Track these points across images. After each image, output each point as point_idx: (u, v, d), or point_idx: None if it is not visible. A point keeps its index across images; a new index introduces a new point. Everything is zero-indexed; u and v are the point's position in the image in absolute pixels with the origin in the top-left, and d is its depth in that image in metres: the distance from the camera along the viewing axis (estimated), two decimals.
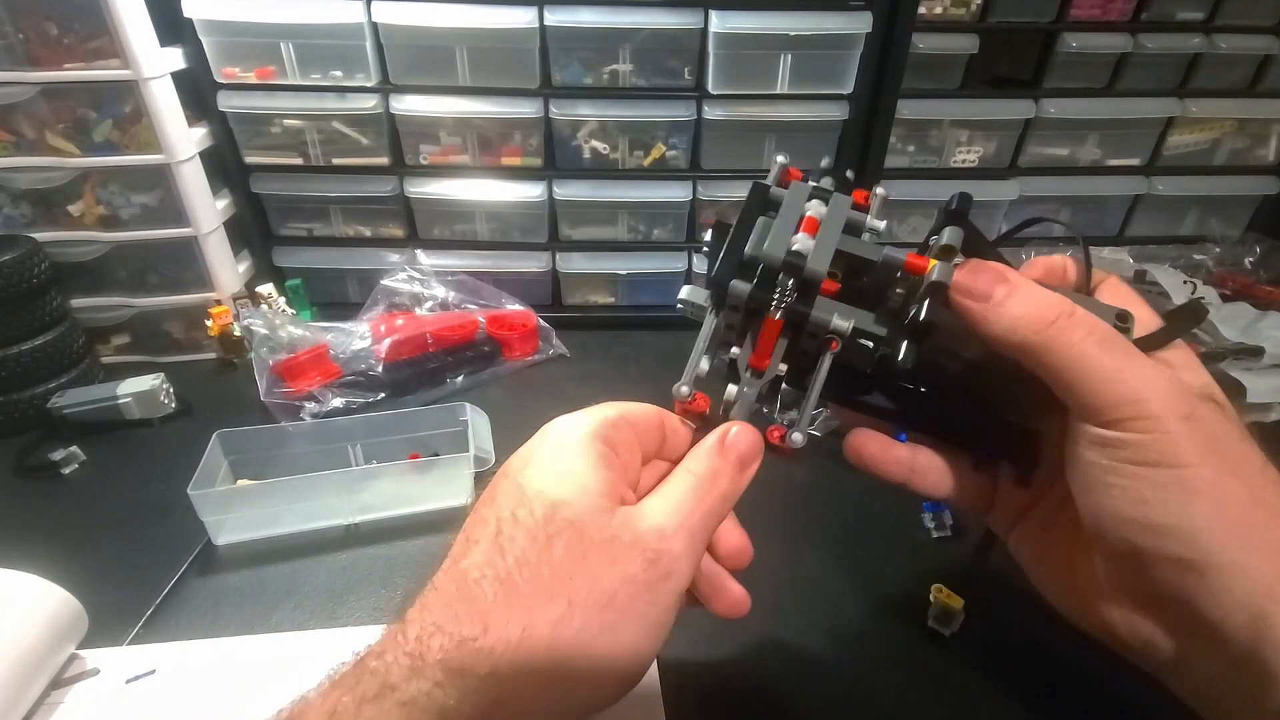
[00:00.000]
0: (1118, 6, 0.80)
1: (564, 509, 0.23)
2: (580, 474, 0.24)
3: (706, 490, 0.26)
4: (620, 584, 0.23)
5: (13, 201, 0.75)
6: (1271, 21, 0.82)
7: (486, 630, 0.22)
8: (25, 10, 0.67)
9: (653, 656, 0.24)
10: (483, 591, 0.22)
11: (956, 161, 0.88)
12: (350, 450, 0.62)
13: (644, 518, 0.24)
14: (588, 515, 0.23)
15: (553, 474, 0.24)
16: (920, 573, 0.52)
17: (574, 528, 0.23)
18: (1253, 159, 0.91)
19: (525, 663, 0.21)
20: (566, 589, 0.22)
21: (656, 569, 0.23)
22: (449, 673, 0.21)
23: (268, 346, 0.74)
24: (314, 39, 0.76)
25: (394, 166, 0.85)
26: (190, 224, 0.78)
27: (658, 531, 0.24)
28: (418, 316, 0.83)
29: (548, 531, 0.23)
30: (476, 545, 0.24)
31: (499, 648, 0.21)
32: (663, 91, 0.81)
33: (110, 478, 0.65)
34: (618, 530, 0.23)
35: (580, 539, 0.23)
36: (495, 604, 0.22)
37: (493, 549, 0.23)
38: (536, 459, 0.25)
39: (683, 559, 0.24)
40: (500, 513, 0.24)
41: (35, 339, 0.71)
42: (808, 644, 0.48)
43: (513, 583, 0.22)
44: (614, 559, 0.23)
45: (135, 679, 0.45)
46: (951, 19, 0.80)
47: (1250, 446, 0.24)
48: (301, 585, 0.53)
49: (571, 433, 0.25)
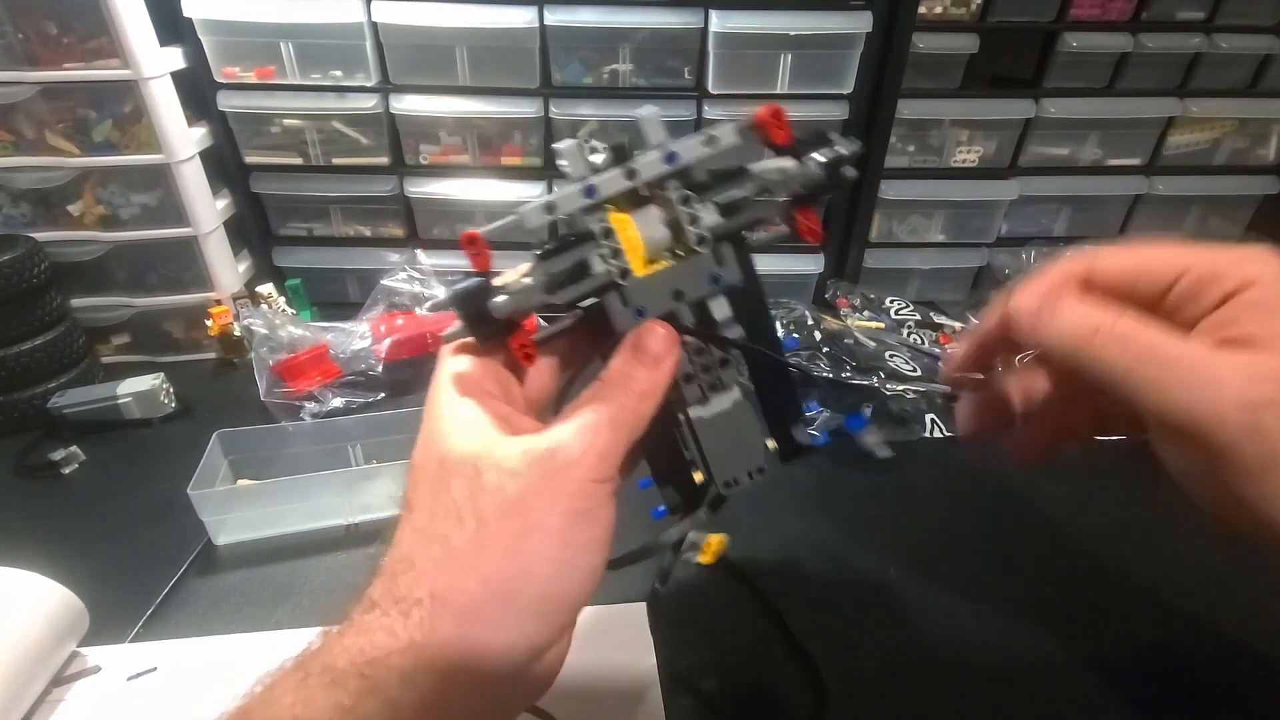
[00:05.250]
0: (1118, 6, 0.80)
1: (453, 454, 0.24)
2: (460, 423, 0.25)
3: (613, 391, 0.26)
4: (521, 488, 0.23)
5: (12, 201, 0.75)
6: (1272, 21, 0.82)
7: (413, 564, 0.23)
8: (25, 10, 0.67)
9: (592, 548, 0.24)
10: (404, 541, 0.24)
11: (956, 161, 0.88)
12: (350, 450, 0.62)
13: (539, 434, 0.24)
14: (476, 448, 0.24)
15: (436, 435, 0.25)
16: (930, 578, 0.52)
17: (466, 463, 0.24)
18: (1253, 159, 0.91)
19: (459, 573, 0.22)
20: (472, 509, 0.23)
21: (552, 464, 0.23)
22: (391, 602, 0.23)
23: (268, 346, 0.74)
24: (314, 38, 0.76)
25: (394, 166, 0.85)
26: (190, 224, 0.78)
27: (550, 437, 0.24)
28: (418, 316, 0.83)
29: (443, 476, 0.24)
30: (399, 523, 0.25)
31: (429, 571, 0.23)
32: (663, 91, 0.81)
33: (110, 477, 0.65)
34: (508, 449, 0.24)
35: (474, 468, 0.23)
36: (414, 545, 0.24)
37: (405, 515, 0.25)
38: (423, 435, 0.26)
39: (581, 450, 0.24)
40: (406, 492, 0.25)
41: (35, 339, 0.71)
42: (807, 640, 0.48)
43: (423, 527, 0.24)
44: (509, 471, 0.23)
45: (136, 676, 0.45)
46: (951, 18, 0.80)
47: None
48: (301, 585, 0.53)
49: (442, 398, 0.26)
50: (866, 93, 0.81)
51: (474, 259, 0.25)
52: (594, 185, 0.26)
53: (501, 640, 0.22)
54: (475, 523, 0.23)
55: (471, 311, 0.25)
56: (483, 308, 0.25)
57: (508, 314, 0.25)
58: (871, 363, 0.73)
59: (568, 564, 0.23)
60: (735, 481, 0.30)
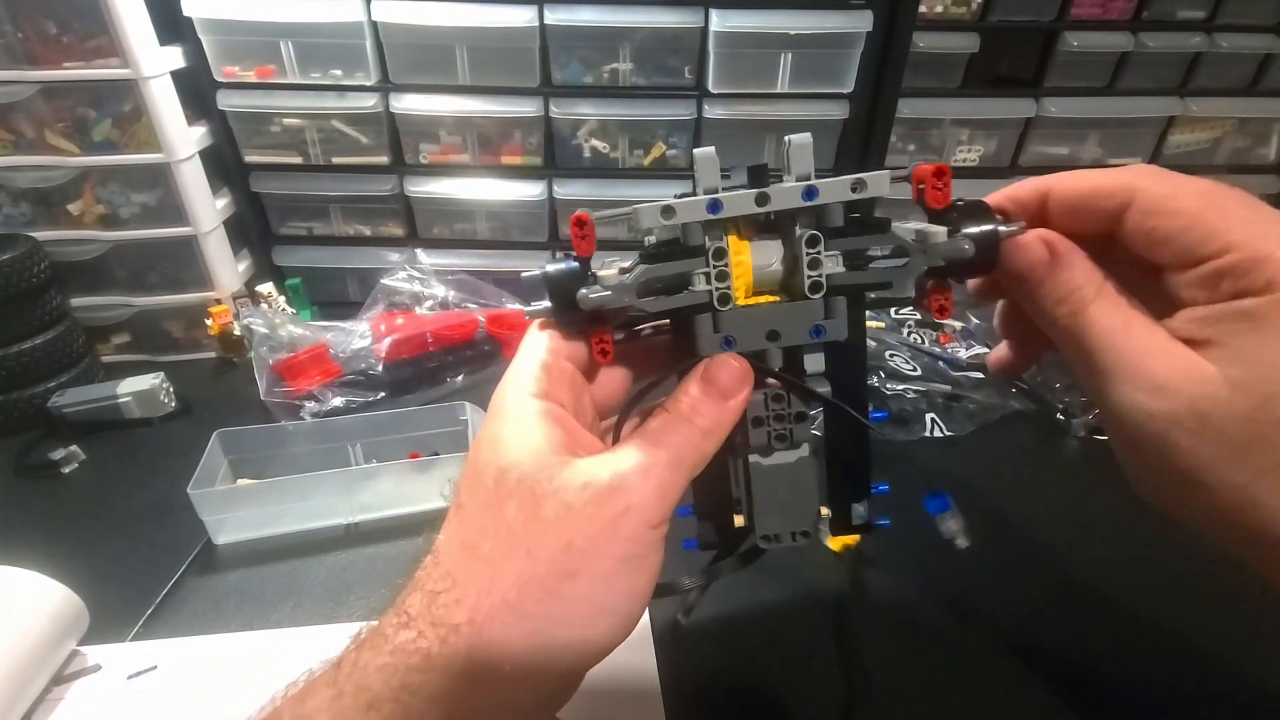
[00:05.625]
0: (1118, 5, 0.80)
1: (512, 471, 0.24)
2: (524, 435, 0.24)
3: (679, 425, 0.25)
4: (575, 528, 0.23)
5: (12, 200, 0.75)
6: (1272, 20, 0.82)
7: (455, 584, 0.23)
8: (25, 9, 0.67)
9: (634, 596, 0.24)
10: (449, 555, 0.24)
11: (957, 161, 0.88)
12: (350, 449, 0.62)
13: (599, 463, 0.24)
14: (536, 471, 0.23)
15: (499, 443, 0.25)
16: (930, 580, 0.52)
17: (523, 486, 0.23)
18: (1253, 158, 0.91)
19: (499, 607, 0.22)
20: (524, 541, 0.23)
21: (611, 506, 0.23)
22: (429, 624, 0.23)
23: (268, 346, 0.74)
24: (314, 38, 0.76)
25: (394, 165, 0.85)
26: (190, 223, 0.78)
27: (611, 471, 0.23)
28: (418, 316, 0.83)
29: (499, 495, 0.23)
30: (445, 524, 0.25)
31: (470, 597, 0.22)
32: (663, 90, 0.81)
33: (110, 477, 0.65)
34: (569, 478, 0.23)
35: (532, 495, 0.23)
36: (459, 562, 0.23)
37: (455, 523, 0.25)
38: (484, 436, 0.25)
39: (642, 493, 0.23)
40: (460, 494, 0.25)
41: (35, 338, 0.71)
42: (808, 643, 0.48)
43: (473, 544, 0.24)
44: (568, 506, 0.23)
45: (137, 675, 0.45)
46: (952, 18, 0.80)
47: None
48: (301, 584, 0.53)
49: (511, 399, 0.25)
50: (867, 92, 0.81)
51: (578, 242, 0.24)
52: (720, 202, 0.24)
53: (530, 680, 0.22)
54: (524, 555, 0.22)
55: (562, 295, 0.24)
56: (573, 295, 0.24)
57: (594, 308, 0.24)
58: (871, 362, 0.73)
59: (608, 610, 0.23)
60: (776, 538, 0.28)
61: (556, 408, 0.25)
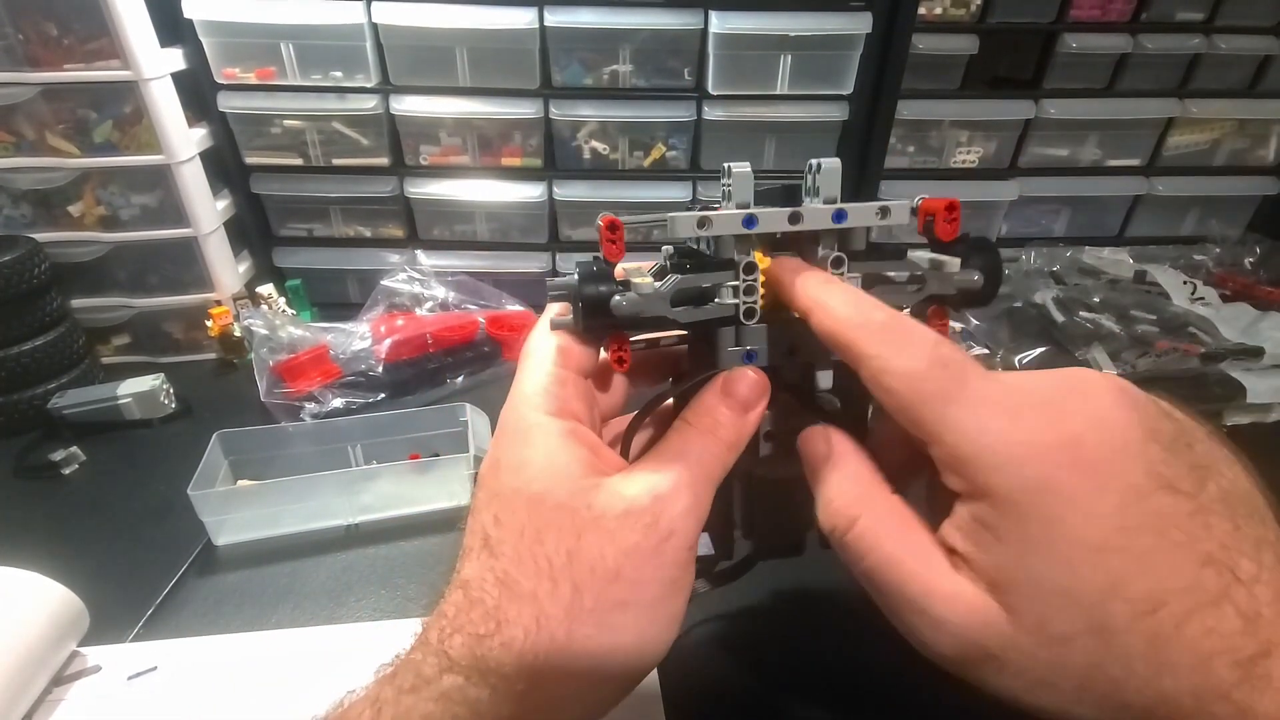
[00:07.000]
0: (1117, 7, 0.80)
1: (546, 500, 0.23)
2: (551, 459, 0.23)
3: (704, 440, 0.25)
4: (623, 557, 0.22)
5: (13, 202, 0.75)
6: (1271, 22, 0.82)
7: (500, 626, 0.22)
8: (25, 11, 0.67)
9: (676, 617, 0.23)
10: (486, 594, 0.23)
11: (956, 162, 0.88)
12: (350, 450, 0.62)
13: (634, 483, 0.23)
14: (571, 499, 0.23)
15: (524, 468, 0.24)
16: None
17: (561, 515, 0.22)
18: (1253, 159, 0.91)
19: (548, 649, 0.21)
20: (569, 574, 0.22)
21: (656, 532, 0.22)
22: (476, 670, 0.22)
23: (268, 347, 0.74)
24: (314, 39, 0.77)
25: (394, 167, 0.85)
26: (190, 224, 0.78)
27: (651, 494, 0.23)
28: (418, 317, 0.83)
29: (534, 526, 0.23)
30: (471, 554, 0.24)
31: (518, 640, 0.22)
32: (662, 92, 0.81)
33: (110, 478, 0.65)
34: (607, 504, 0.22)
35: (571, 524, 0.22)
36: (501, 603, 0.22)
37: (485, 556, 0.23)
38: (504, 459, 0.24)
39: (683, 516, 0.23)
40: (484, 521, 0.24)
41: (35, 339, 0.71)
42: (809, 644, 0.48)
43: (512, 580, 0.22)
44: (610, 534, 0.22)
45: (137, 676, 0.45)
46: (951, 19, 0.80)
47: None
48: (301, 585, 0.53)
49: (529, 418, 0.24)
50: (866, 93, 0.81)
51: (608, 246, 0.24)
52: (756, 218, 0.25)
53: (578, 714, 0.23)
54: (570, 590, 0.22)
55: (594, 301, 0.24)
56: (604, 300, 0.24)
57: (627, 315, 0.24)
58: None
59: (652, 639, 0.23)
60: (770, 551, 0.29)
61: (578, 425, 0.25)
